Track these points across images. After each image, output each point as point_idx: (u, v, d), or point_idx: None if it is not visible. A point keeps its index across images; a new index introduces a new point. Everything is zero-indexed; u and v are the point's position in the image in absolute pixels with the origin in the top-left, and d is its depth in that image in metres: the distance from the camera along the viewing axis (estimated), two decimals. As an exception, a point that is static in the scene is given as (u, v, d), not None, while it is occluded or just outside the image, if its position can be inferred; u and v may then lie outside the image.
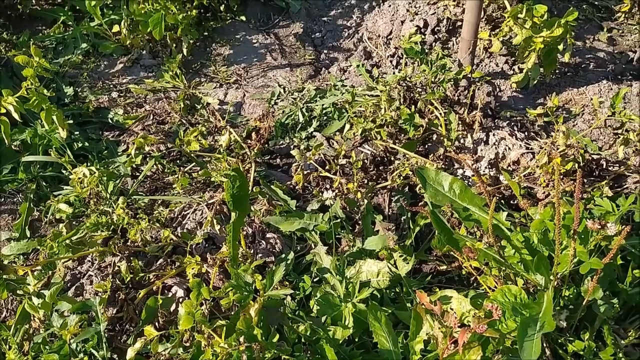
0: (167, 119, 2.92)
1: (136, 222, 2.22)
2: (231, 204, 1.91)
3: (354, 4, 3.57)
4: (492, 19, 3.13)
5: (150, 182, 2.60)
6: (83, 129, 2.83)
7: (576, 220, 1.52)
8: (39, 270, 2.09)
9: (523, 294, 1.57)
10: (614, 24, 3.30)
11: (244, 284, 1.84)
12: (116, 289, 2.12)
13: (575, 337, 1.75)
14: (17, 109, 2.22)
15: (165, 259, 2.22)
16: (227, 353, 1.63)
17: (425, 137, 2.60)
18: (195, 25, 3.31)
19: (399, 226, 2.32)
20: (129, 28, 3.18)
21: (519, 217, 2.13)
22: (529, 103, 2.90)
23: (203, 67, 3.24)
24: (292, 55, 3.32)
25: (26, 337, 1.97)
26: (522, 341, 1.43)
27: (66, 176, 2.56)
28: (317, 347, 1.78)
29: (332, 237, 2.16)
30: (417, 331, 1.69)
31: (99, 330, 1.94)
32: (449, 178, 1.89)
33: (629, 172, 2.43)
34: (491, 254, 1.66)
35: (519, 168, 2.48)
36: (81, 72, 3.17)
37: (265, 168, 2.63)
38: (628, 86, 2.89)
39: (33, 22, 3.46)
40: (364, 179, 2.43)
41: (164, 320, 2.00)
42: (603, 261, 1.54)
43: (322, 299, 1.91)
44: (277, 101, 2.97)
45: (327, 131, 2.75)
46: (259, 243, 2.24)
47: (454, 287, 2.09)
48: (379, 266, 2.03)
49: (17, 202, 2.54)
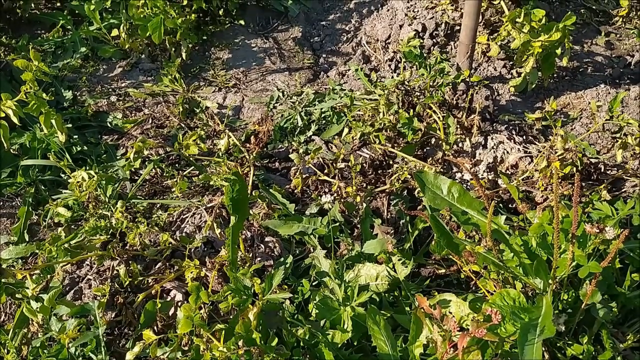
0: (166, 123, 2.92)
1: (135, 226, 2.22)
2: (230, 208, 1.91)
3: (352, 8, 3.58)
4: (490, 23, 3.14)
5: (149, 185, 2.60)
6: (82, 133, 2.83)
7: (574, 224, 1.52)
8: (38, 274, 2.08)
9: (522, 298, 1.57)
10: (611, 28, 3.31)
11: (242, 288, 1.84)
12: (115, 293, 2.12)
13: (574, 341, 1.75)
14: (16, 112, 2.22)
15: (164, 262, 2.22)
16: (225, 357, 1.63)
17: (423, 141, 2.61)
18: (194, 29, 3.31)
19: (397, 230, 2.32)
20: (128, 32, 3.18)
21: (517, 221, 2.13)
22: (527, 107, 2.90)
23: (202, 71, 3.24)
24: (291, 60, 3.33)
25: (25, 341, 1.97)
26: (522, 346, 1.43)
27: (65, 180, 2.57)
28: (316, 350, 1.78)
29: (331, 241, 2.16)
30: (416, 335, 1.69)
31: (98, 334, 1.93)
32: (447, 182, 1.89)
33: (627, 175, 2.43)
34: (490, 257, 1.66)
35: (517, 172, 2.48)
36: (80, 76, 3.17)
37: (264, 172, 2.63)
38: (626, 90, 2.89)
39: (32, 26, 3.46)
40: (363, 183, 2.44)
41: (162, 324, 2.00)
42: (601, 265, 1.55)
43: (321, 302, 1.90)
44: (275, 105, 2.98)
45: (325, 135, 2.75)
46: (258, 247, 2.24)
47: (453, 290, 2.09)
48: (378, 270, 2.03)
49: (16, 206, 2.54)
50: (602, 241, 1.64)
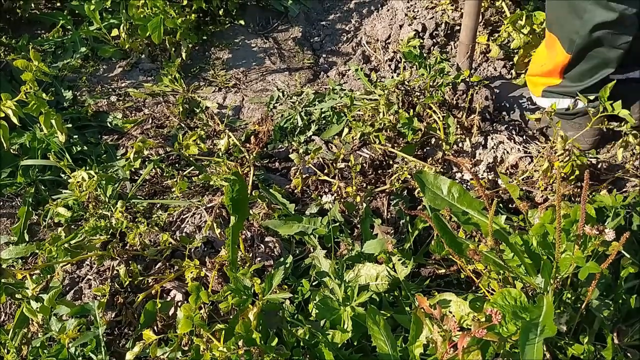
0: (166, 123, 2.92)
1: (135, 226, 2.22)
2: (230, 208, 1.91)
3: (352, 8, 3.58)
4: (490, 23, 3.14)
5: (149, 185, 2.60)
6: (82, 133, 2.83)
7: (581, 222, 1.52)
8: (38, 274, 2.09)
9: (523, 297, 1.57)
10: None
11: (242, 288, 1.84)
12: (115, 293, 2.12)
13: (575, 341, 1.75)
14: (15, 113, 2.21)
15: (164, 262, 2.22)
16: (225, 357, 1.63)
17: (424, 141, 2.61)
18: (194, 29, 3.31)
19: (397, 230, 2.32)
20: (128, 32, 3.18)
21: (518, 221, 2.13)
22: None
23: (202, 71, 3.24)
24: (291, 60, 3.33)
25: (24, 341, 1.97)
26: (523, 346, 1.42)
27: (65, 180, 2.56)
28: (316, 350, 1.78)
29: (331, 241, 2.16)
30: (416, 335, 1.69)
31: (98, 334, 1.93)
32: (447, 182, 1.89)
33: (628, 175, 2.43)
34: (492, 257, 1.66)
35: (517, 172, 2.48)
36: (80, 76, 3.17)
37: (264, 172, 2.63)
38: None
39: (32, 26, 3.46)
40: (363, 183, 2.43)
41: (162, 324, 2.00)
42: (602, 266, 1.54)
43: (320, 302, 1.90)
44: (275, 105, 2.97)
45: (325, 135, 2.75)
46: (258, 247, 2.24)
47: (453, 290, 2.09)
48: (378, 270, 2.03)
49: (16, 206, 2.54)
50: (602, 242, 1.64)
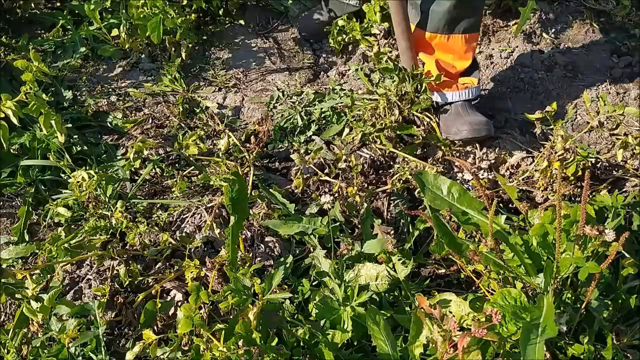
0: (166, 123, 2.92)
1: (135, 226, 2.22)
2: (230, 208, 1.91)
3: (352, 8, 3.58)
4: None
5: (149, 185, 2.60)
6: (82, 133, 2.83)
7: (581, 222, 1.52)
8: (38, 274, 2.08)
9: (523, 297, 1.57)
10: (612, 28, 3.31)
11: (242, 288, 1.84)
12: (115, 293, 2.12)
13: (575, 341, 1.75)
14: (15, 113, 2.21)
15: (164, 262, 2.21)
16: (225, 357, 1.63)
17: (424, 141, 2.60)
18: (194, 29, 3.31)
19: (398, 230, 2.32)
20: (127, 32, 3.18)
21: (517, 221, 2.13)
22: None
23: (202, 71, 3.24)
24: (291, 59, 3.33)
25: (24, 341, 1.96)
26: (524, 346, 1.42)
27: (65, 180, 2.56)
28: (316, 350, 1.78)
29: (331, 241, 2.16)
30: (416, 335, 1.69)
31: (98, 334, 1.93)
32: (447, 182, 1.89)
33: (628, 175, 2.43)
34: (492, 257, 1.66)
35: (517, 172, 2.48)
36: (80, 76, 3.17)
37: (264, 172, 2.63)
38: (626, 90, 2.89)
39: (32, 26, 3.45)
40: (364, 183, 2.43)
41: (162, 324, 2.00)
42: (602, 266, 1.54)
43: (320, 302, 1.90)
44: (275, 105, 2.97)
45: (325, 135, 2.75)
46: (258, 247, 2.24)
47: (453, 290, 2.09)
48: (378, 270, 2.03)
49: (16, 206, 2.53)
50: (602, 243, 1.64)
